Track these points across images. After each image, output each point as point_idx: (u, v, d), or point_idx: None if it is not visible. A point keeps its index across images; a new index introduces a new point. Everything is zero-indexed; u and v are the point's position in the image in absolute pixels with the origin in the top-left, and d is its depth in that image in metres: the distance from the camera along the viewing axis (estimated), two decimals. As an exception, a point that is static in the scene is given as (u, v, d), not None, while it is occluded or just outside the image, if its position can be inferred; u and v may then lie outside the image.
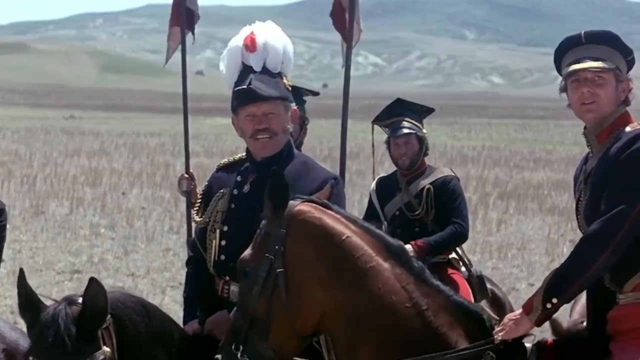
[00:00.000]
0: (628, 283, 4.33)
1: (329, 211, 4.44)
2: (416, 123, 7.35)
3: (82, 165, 30.26)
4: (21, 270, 4.34)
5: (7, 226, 5.64)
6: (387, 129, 7.44)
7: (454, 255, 7.38)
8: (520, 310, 4.34)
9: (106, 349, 4.21)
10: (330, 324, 4.34)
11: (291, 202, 4.39)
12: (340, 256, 4.33)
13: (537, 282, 14.59)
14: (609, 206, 4.25)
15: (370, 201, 7.52)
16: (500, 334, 4.33)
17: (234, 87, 5.08)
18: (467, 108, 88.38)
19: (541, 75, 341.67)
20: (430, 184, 7.29)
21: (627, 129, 4.43)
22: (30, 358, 4.19)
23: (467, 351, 4.31)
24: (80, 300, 4.26)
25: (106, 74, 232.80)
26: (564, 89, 4.55)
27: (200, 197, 5.31)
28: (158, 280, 14.01)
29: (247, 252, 4.43)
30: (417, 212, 7.26)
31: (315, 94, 7.78)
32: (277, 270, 4.30)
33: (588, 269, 4.22)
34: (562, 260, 4.38)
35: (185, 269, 5.38)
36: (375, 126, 7.49)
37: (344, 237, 4.35)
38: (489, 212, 21.76)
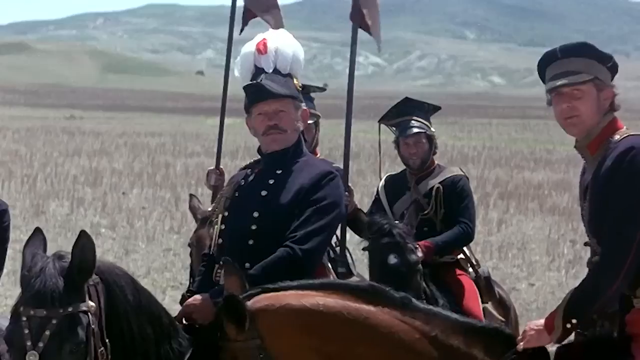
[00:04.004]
0: (639, 289, 4.40)
1: (286, 292, 4.26)
2: (424, 122, 7.32)
3: (83, 165, 30.23)
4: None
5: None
6: (394, 129, 7.40)
7: (461, 255, 7.38)
8: (542, 322, 4.36)
9: (91, 303, 4.26)
10: None
11: (247, 309, 4.15)
12: (328, 326, 4.18)
13: (538, 282, 14.58)
14: (611, 234, 4.31)
15: (377, 198, 7.48)
16: (521, 343, 4.37)
17: (245, 85, 5.23)
18: (468, 108, 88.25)
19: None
20: (439, 183, 7.26)
21: (616, 137, 4.44)
22: (19, 305, 4.25)
23: None
24: (69, 256, 4.34)
25: (107, 74, 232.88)
26: (549, 103, 4.59)
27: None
28: (158, 281, 14.01)
29: None
30: (425, 212, 7.23)
31: (322, 89, 7.87)
32: None
33: (603, 295, 4.30)
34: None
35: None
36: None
37: (320, 308, 4.20)
38: (490, 212, 21.73)
